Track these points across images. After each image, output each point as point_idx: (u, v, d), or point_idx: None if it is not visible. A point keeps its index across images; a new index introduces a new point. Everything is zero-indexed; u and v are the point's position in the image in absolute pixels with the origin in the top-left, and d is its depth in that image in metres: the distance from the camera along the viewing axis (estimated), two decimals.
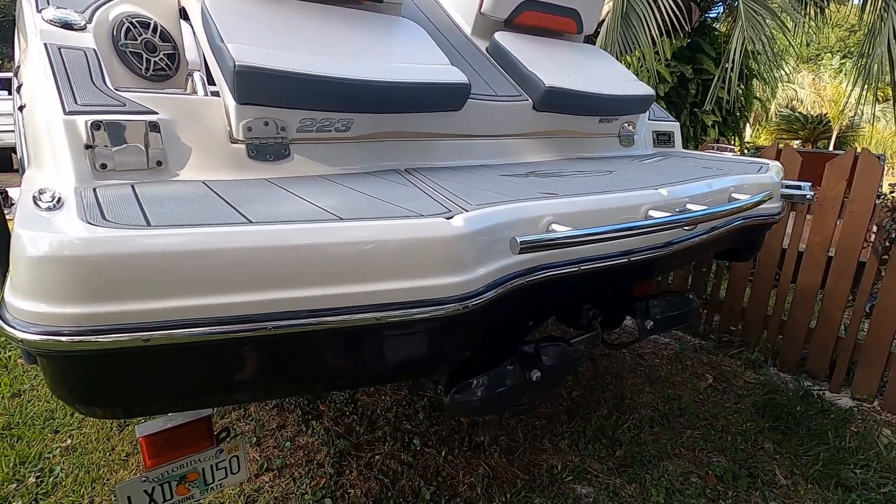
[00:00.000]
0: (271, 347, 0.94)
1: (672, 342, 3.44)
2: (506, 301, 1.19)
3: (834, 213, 2.85)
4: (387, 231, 0.96)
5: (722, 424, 2.57)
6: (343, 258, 0.93)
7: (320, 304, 0.91)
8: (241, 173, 1.43)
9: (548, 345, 1.58)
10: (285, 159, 1.50)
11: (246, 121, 1.43)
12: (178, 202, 1.07)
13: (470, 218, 1.05)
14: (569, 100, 2.08)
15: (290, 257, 0.90)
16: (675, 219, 1.33)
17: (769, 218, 1.95)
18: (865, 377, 2.79)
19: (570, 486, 2.12)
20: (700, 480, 2.18)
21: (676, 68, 5.31)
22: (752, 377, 3.03)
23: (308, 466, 2.20)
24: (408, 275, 0.97)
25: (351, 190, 1.31)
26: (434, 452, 2.29)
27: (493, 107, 1.95)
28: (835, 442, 2.41)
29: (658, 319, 1.90)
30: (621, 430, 2.46)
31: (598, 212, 1.31)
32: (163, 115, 1.33)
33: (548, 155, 2.17)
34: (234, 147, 1.44)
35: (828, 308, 2.90)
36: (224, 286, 0.86)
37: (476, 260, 1.06)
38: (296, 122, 1.51)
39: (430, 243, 0.99)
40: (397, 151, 1.74)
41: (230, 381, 0.99)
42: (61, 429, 2.38)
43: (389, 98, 1.60)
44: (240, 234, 0.87)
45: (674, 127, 2.73)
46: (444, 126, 1.84)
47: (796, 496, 2.11)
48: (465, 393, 1.37)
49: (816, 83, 16.03)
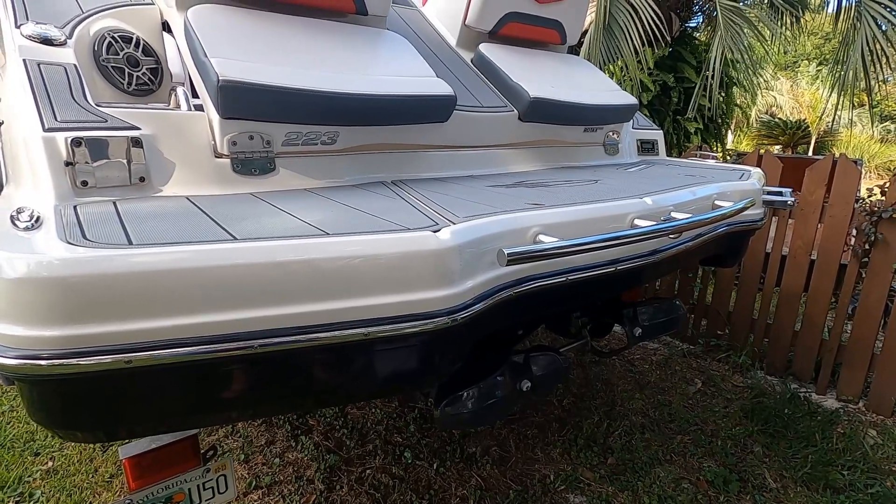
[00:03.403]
0: (259, 366, 0.93)
1: (661, 347, 3.46)
2: (494, 313, 1.18)
3: (815, 218, 2.91)
4: (374, 245, 0.96)
5: (712, 429, 2.58)
6: (330, 274, 0.92)
7: (308, 320, 0.90)
8: (226, 188, 1.41)
9: (537, 354, 1.58)
10: (271, 173, 1.49)
11: (230, 135, 1.42)
12: (162, 219, 1.05)
13: (457, 231, 1.05)
14: (554, 110, 2.10)
15: (276, 274, 0.89)
16: (661, 227, 1.34)
17: (752, 224, 1.98)
18: (850, 378, 2.83)
19: (563, 496, 2.11)
20: (692, 486, 2.19)
21: (659, 77, 5.39)
22: (739, 381, 3.06)
23: (298, 483, 2.16)
24: (396, 289, 0.97)
25: (337, 203, 1.30)
26: (426, 465, 2.27)
27: (478, 118, 1.97)
28: (822, 444, 2.43)
29: (646, 326, 1.92)
30: (613, 438, 2.47)
31: (585, 222, 1.32)
32: (145, 131, 1.32)
33: (533, 165, 2.19)
34: (219, 162, 1.42)
35: (811, 311, 2.95)
36: (208, 305, 0.84)
37: (464, 272, 1.06)
38: (281, 136, 1.50)
39: (418, 257, 0.98)
40: (383, 163, 1.74)
41: (217, 401, 0.98)
42: (42, 451, 2.32)
43: (375, 110, 1.60)
44: (224, 252, 0.86)
45: (657, 135, 2.77)
46: (431, 137, 1.84)
47: (786, 499, 2.13)
48: (455, 405, 1.36)
49: (794, 90, 16.42)
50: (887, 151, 16.14)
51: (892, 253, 2.64)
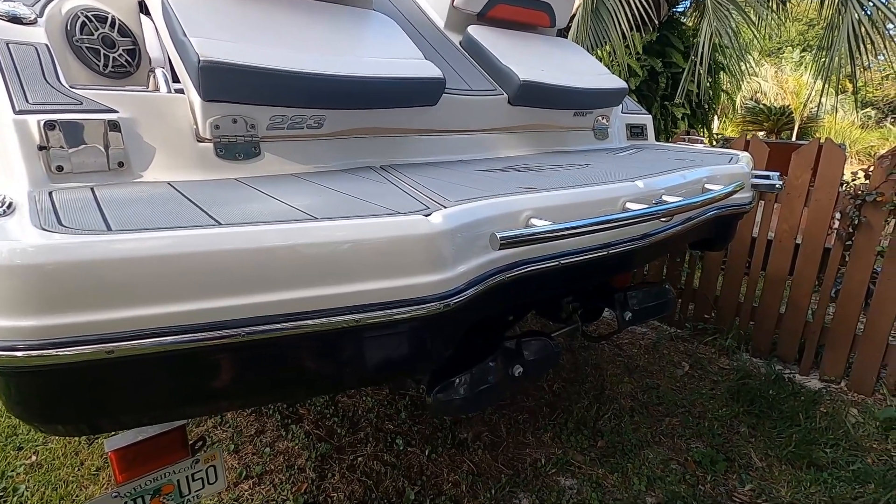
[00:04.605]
0: (246, 354, 0.90)
1: (649, 332, 3.50)
2: (487, 298, 1.17)
3: (800, 202, 2.94)
4: (363, 230, 0.93)
5: (699, 411, 2.62)
6: (318, 259, 0.90)
7: (296, 307, 0.88)
8: (209, 173, 1.37)
9: (529, 339, 1.57)
10: (256, 158, 1.45)
11: (213, 118, 1.37)
12: (142, 204, 1.01)
13: (449, 214, 1.02)
14: (544, 93, 2.07)
15: (263, 260, 0.86)
16: (652, 210, 1.33)
17: (741, 207, 1.99)
18: (832, 359, 2.89)
19: (554, 479, 2.13)
20: (680, 467, 2.22)
21: (647, 62, 5.37)
22: (726, 363, 3.10)
23: (289, 472, 2.15)
24: (386, 274, 0.95)
25: (325, 188, 1.27)
26: (417, 451, 2.27)
27: (467, 101, 1.93)
28: (806, 423, 2.49)
29: (636, 310, 1.92)
30: (602, 421, 2.49)
31: (577, 205, 1.31)
32: (123, 114, 1.27)
33: (524, 149, 2.17)
34: (202, 146, 1.38)
35: (796, 294, 2.99)
36: (192, 292, 0.81)
37: (456, 257, 1.04)
38: (266, 120, 1.46)
39: (409, 241, 0.96)
40: (372, 148, 1.70)
41: (203, 392, 0.95)
42: (25, 445, 2.27)
43: (362, 93, 1.56)
44: (208, 238, 0.83)
45: (646, 120, 2.77)
46: (419, 121, 1.81)
47: (771, 477, 2.17)
48: (447, 392, 1.36)
49: (779, 75, 16.53)
50: (867, 137, 16.40)
51: (875, 236, 2.68)
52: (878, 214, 2.65)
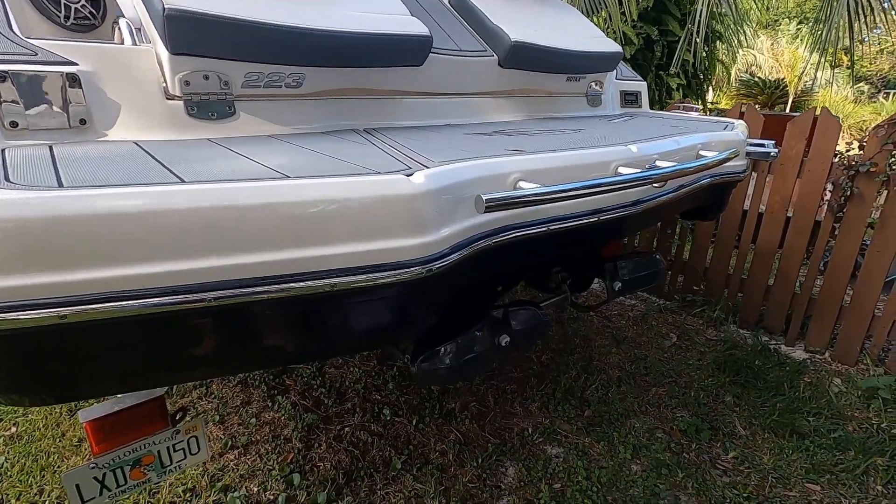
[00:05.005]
0: (216, 321, 0.85)
1: (638, 303, 3.50)
2: (472, 263, 1.12)
3: (793, 173, 2.90)
4: (340, 189, 0.87)
5: (685, 381, 2.64)
6: (290, 220, 0.84)
7: (266, 271, 0.83)
8: (179, 133, 1.30)
9: (517, 309, 1.54)
10: (230, 118, 1.37)
11: (182, 74, 1.28)
12: (100, 162, 0.94)
13: (432, 174, 0.97)
14: (536, 56, 1.99)
15: (228, 220, 0.80)
16: (645, 175, 1.28)
17: (735, 176, 1.95)
18: (818, 330, 2.91)
19: (541, 448, 2.14)
20: (665, 435, 2.24)
21: (642, 30, 5.23)
22: (713, 335, 3.12)
23: (275, 442, 2.14)
24: (365, 237, 0.89)
25: (302, 149, 1.20)
26: (405, 422, 2.26)
27: (456, 62, 1.85)
28: (790, 392, 2.51)
29: (626, 280, 1.90)
30: (590, 391, 2.50)
31: (568, 168, 1.25)
32: (84, 67, 1.18)
33: (514, 114, 2.09)
34: (171, 104, 1.30)
35: (785, 266, 2.99)
36: (150, 254, 0.75)
37: (439, 220, 0.98)
38: (240, 77, 1.38)
39: (389, 202, 0.91)
40: (355, 110, 1.62)
41: (172, 360, 0.90)
42: (4, 417, 2.23)
43: (343, 49, 1.47)
44: (166, 195, 0.77)
45: (641, 87, 2.69)
46: (405, 83, 1.73)
47: (754, 445, 2.20)
48: (433, 361, 1.32)
49: (774, 48, 16.31)
50: (860, 111, 16.34)
51: (866, 207, 2.67)
52: (871, 185, 2.63)
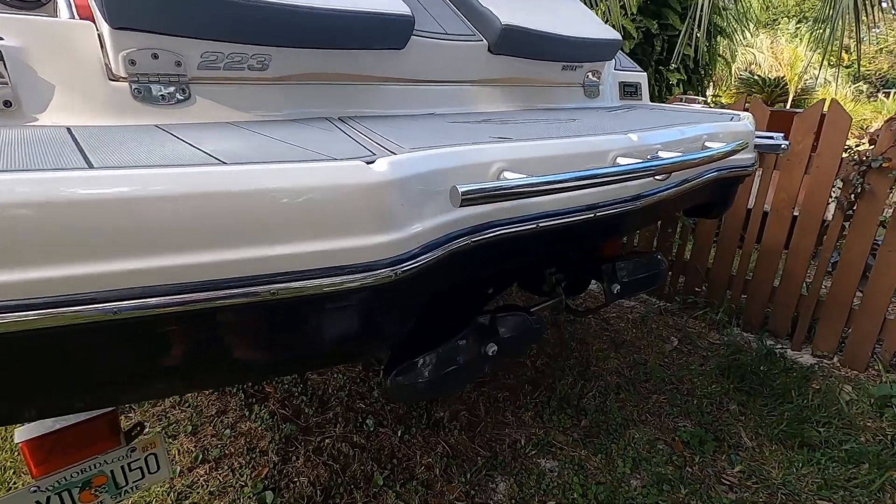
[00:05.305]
0: (128, 336, 0.71)
1: (637, 305, 3.36)
2: (451, 265, 0.99)
3: (801, 169, 2.77)
4: (284, 178, 0.73)
5: (687, 388, 2.50)
6: (220, 214, 0.70)
7: (187, 276, 0.68)
8: (125, 118, 1.15)
9: (506, 315, 1.40)
10: (184, 103, 1.23)
11: (126, 51, 1.14)
12: (12, 148, 0.80)
13: (397, 162, 0.82)
14: (528, 41, 1.84)
15: (140, 213, 0.66)
16: (647, 166, 1.14)
17: (743, 169, 1.81)
18: (826, 334, 2.78)
19: (535, 461, 2.00)
20: (666, 447, 2.10)
21: (642, 24, 5.10)
22: (716, 338, 2.98)
23: (250, 455, 2.00)
24: (315, 235, 0.75)
25: (257, 135, 1.06)
26: (389, 432, 2.12)
27: (441, 47, 1.70)
28: (798, 400, 2.38)
29: (626, 283, 1.76)
30: (586, 399, 2.36)
31: (559, 158, 1.11)
32: (9, 42, 1.04)
33: (504, 105, 1.95)
34: (115, 86, 1.15)
35: (791, 266, 2.85)
36: (44, 254, 0.61)
37: (408, 215, 0.84)
38: (196, 57, 1.23)
39: (345, 193, 0.77)
40: (328, 98, 1.48)
41: (78, 381, 0.76)
42: None
43: (314, 29, 1.33)
44: (61, 182, 0.63)
45: (641, 78, 2.55)
46: (384, 68, 1.58)
47: (761, 458, 2.07)
48: (409, 374, 1.18)
49: (774, 46, 16.19)
50: (860, 110, 16.22)
51: (878, 204, 2.53)
52: (883, 182, 2.49)
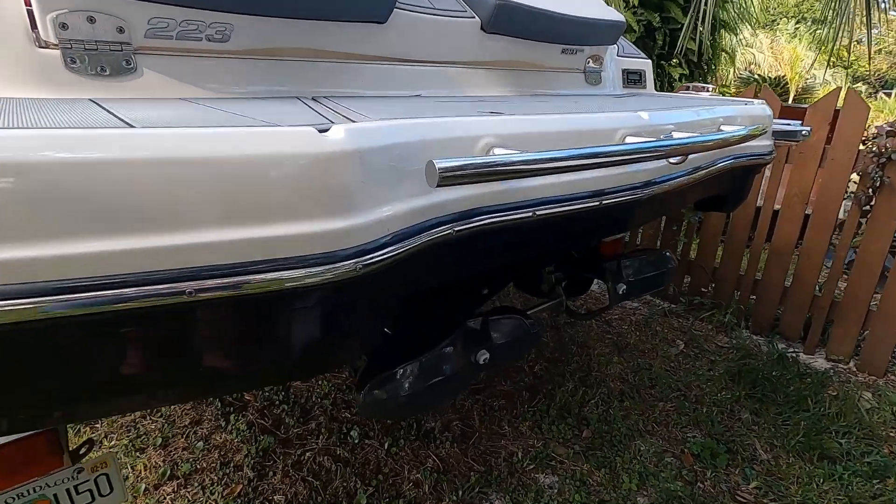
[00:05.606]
0: (28, 344, 0.55)
1: (641, 307, 3.20)
2: (431, 258, 0.83)
3: (814, 162, 2.61)
4: (206, 145, 0.57)
5: (696, 394, 2.35)
6: (118, 189, 0.54)
7: (80, 269, 0.53)
8: (57, 90, 1.00)
9: (498, 318, 1.24)
10: (128, 74, 1.07)
11: (55, 14, 0.98)
12: None
13: (356, 130, 0.66)
14: (525, 19, 1.69)
15: (18, 187, 0.50)
16: (659, 145, 0.99)
17: (759, 158, 1.65)
18: (841, 337, 2.62)
19: (532, 476, 1.84)
20: (675, 460, 1.94)
21: (643, 17, 4.95)
22: (724, 341, 2.83)
23: (223, 471, 1.83)
24: (249, 219, 0.59)
25: (202, 107, 0.90)
26: (375, 444, 1.96)
27: (428, 22, 1.54)
28: (814, 408, 2.22)
29: (632, 282, 1.60)
30: (588, 407, 2.20)
31: (560, 135, 0.96)
32: None
33: (498, 90, 1.79)
34: (44, 53, 1.00)
35: (804, 265, 2.70)
36: None
37: (374, 196, 0.69)
38: (142, 23, 1.07)
39: (290, 165, 0.61)
40: (300, 75, 1.32)
41: None
42: None
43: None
44: None
45: (645, 65, 2.39)
46: (364, 45, 1.43)
47: (779, 472, 1.91)
48: (386, 387, 1.03)
49: (774, 46, 16.09)
50: None
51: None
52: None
